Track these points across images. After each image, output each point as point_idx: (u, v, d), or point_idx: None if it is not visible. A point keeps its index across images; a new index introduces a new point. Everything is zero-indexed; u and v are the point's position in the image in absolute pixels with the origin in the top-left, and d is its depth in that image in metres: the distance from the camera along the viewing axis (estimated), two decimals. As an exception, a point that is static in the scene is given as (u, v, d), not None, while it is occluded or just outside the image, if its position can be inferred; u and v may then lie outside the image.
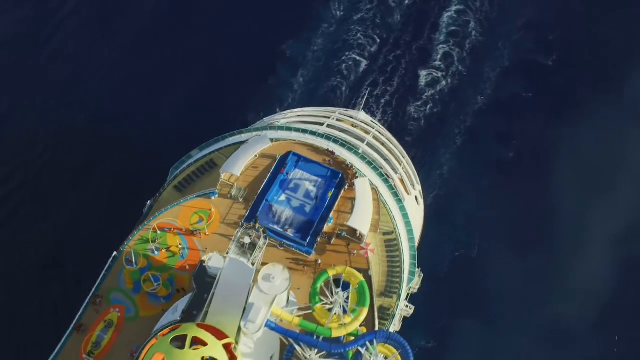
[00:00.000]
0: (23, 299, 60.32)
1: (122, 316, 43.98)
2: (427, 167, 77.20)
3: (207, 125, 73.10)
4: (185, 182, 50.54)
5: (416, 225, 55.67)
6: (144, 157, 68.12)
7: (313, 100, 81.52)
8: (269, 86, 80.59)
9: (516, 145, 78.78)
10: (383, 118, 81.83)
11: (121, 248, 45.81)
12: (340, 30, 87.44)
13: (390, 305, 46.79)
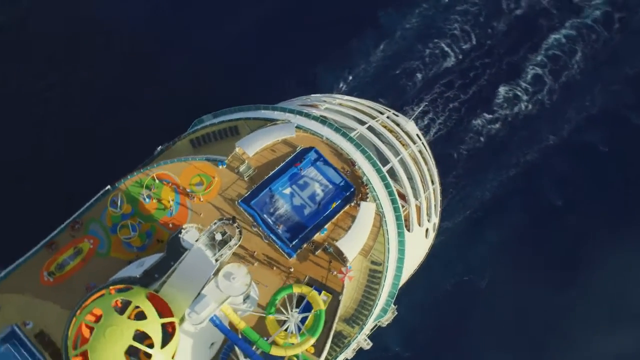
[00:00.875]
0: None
1: (94, 249, 45.68)
2: (469, 186, 76.32)
3: (271, 63, 75.24)
4: (202, 139, 50.94)
5: (414, 260, 55.08)
6: (195, 93, 68.58)
7: (383, 78, 79.95)
8: (349, 48, 79.28)
9: (569, 197, 76.12)
10: (445, 122, 79.74)
11: (116, 184, 46.96)
12: (439, 15, 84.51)
13: (349, 334, 47.13)
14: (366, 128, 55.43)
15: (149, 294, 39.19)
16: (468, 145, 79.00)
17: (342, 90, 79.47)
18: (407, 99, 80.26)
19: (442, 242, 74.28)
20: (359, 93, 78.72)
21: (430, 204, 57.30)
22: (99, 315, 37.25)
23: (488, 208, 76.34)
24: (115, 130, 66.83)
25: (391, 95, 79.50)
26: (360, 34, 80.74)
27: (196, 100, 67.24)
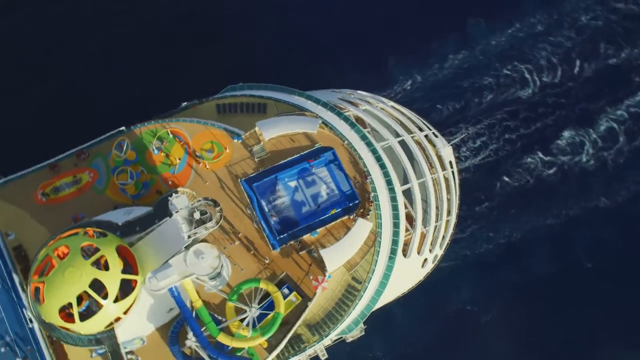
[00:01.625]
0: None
1: (91, 182, 47.82)
2: (500, 221, 75.53)
3: (345, 46, 74.94)
4: (228, 107, 51.73)
5: (399, 286, 55.27)
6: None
7: (451, 87, 78.94)
8: (427, 48, 78.20)
9: (602, 264, 73.93)
10: (497, 150, 78.51)
11: (131, 127, 48.59)
12: (529, 40, 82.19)
13: (308, 340, 48.13)
14: (398, 141, 54.93)
15: (121, 247, 40.86)
16: (513, 180, 77.56)
17: (406, 87, 78.68)
18: (466, 115, 79.00)
19: (456, 267, 74.51)
20: (422, 95, 78.12)
21: (438, 234, 56.95)
22: (66, 252, 39.21)
23: (513, 248, 75.31)
24: (167, 74, 68.51)
25: (452, 106, 78.48)
26: (443, 36, 79.33)
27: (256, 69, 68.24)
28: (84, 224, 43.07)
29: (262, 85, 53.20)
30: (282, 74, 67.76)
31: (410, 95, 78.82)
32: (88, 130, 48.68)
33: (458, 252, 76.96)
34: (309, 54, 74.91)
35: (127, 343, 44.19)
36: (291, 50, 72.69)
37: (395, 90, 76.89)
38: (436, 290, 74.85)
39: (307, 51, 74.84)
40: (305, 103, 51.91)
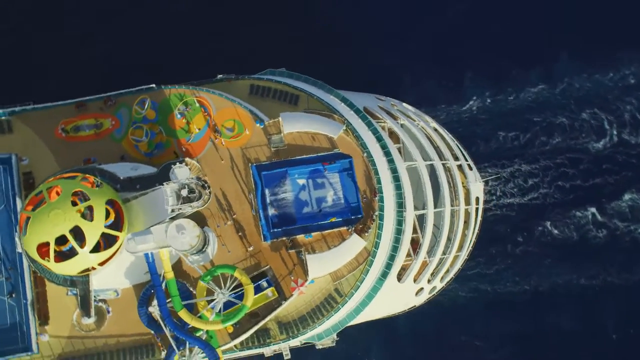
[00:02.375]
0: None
1: (111, 130, 50.52)
2: (532, 266, 75.43)
3: (428, 52, 75.57)
4: (262, 90, 53.03)
5: (383, 309, 55.95)
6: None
7: (520, 117, 78.07)
8: (507, 72, 77.60)
9: (628, 336, 73.73)
10: (546, 195, 77.25)
11: (162, 86, 50.86)
12: (616, 90, 79.84)
13: (274, 337, 49.83)
14: (426, 164, 55.03)
15: (113, 202, 43.28)
16: (557, 230, 76.45)
17: (474, 107, 77.95)
18: (526, 151, 77.55)
19: (475, 300, 74.66)
20: (486, 118, 77.34)
21: (441, 268, 57.03)
22: (58, 193, 42.01)
23: (538, 297, 75.06)
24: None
25: (514, 138, 77.24)
26: (527, 65, 77.99)
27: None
28: (87, 169, 45.73)
29: (301, 77, 54.11)
30: (344, 69, 69.25)
31: (475, 115, 78.14)
32: (122, 80, 51.02)
33: (480, 287, 76.57)
34: (383, 54, 75.37)
35: (101, 292, 47.01)
36: (364, 46, 73.44)
37: (462, 107, 75.88)
38: (449, 317, 75.30)
39: (382, 50, 75.28)
40: (338, 105, 52.52)
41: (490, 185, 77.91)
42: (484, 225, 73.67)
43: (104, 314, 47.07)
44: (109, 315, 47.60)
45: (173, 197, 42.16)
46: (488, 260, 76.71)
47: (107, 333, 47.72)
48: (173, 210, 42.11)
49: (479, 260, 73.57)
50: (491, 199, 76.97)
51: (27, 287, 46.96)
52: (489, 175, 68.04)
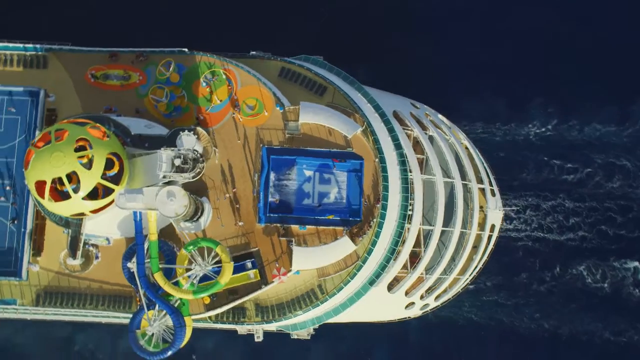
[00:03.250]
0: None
1: (137, 85, 53.59)
2: (555, 307, 76.20)
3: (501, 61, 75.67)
4: (292, 74, 54.57)
5: (369, 315, 57.46)
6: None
7: (579, 151, 77.81)
8: (579, 105, 77.56)
9: None
10: (584, 239, 76.19)
11: (194, 51, 53.48)
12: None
13: (249, 317, 52.31)
14: (445, 181, 55.68)
15: (117, 155, 46.32)
16: (590, 277, 76.26)
17: (533, 131, 77.46)
18: (574, 187, 77.09)
19: (489, 327, 75.40)
20: (543, 145, 76.86)
21: (438, 287, 57.89)
22: (63, 136, 45.42)
23: (555, 339, 75.97)
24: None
25: (567, 170, 76.75)
26: (599, 101, 77.40)
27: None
28: (102, 119, 48.91)
29: (334, 69, 55.38)
30: (396, 68, 69.94)
31: (532, 140, 78.08)
32: (159, 37, 53.91)
33: (495, 316, 76.87)
34: (449, 55, 76.08)
35: (93, 236, 50.41)
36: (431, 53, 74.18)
37: (520, 129, 75.91)
38: (459, 336, 76.18)
39: (448, 51, 76.03)
40: (364, 104, 53.58)
41: (528, 215, 77.31)
42: (510, 255, 74.17)
43: (91, 258, 50.41)
44: (97, 261, 51.01)
45: (167, 164, 44.59)
46: (510, 291, 76.75)
47: (92, 277, 51.19)
48: (165, 177, 44.55)
49: (500, 289, 74.00)
50: (525, 229, 76.37)
51: (29, 217, 50.83)
52: (514, 206, 67.54)
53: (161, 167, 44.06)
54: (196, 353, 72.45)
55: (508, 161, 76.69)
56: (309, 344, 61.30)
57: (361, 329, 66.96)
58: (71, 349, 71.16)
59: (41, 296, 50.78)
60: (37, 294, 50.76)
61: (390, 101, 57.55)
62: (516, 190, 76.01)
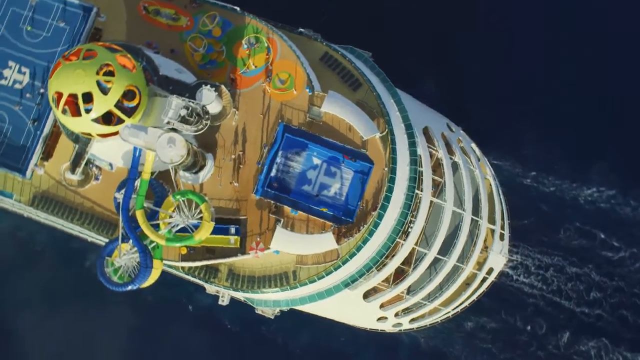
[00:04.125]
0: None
1: (183, 29, 56.43)
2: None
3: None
4: (333, 62, 55.96)
5: (339, 315, 59.26)
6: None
7: (623, 227, 76.07)
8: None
9: None
10: (582, 313, 75.39)
11: (245, 12, 55.95)
12: None
13: (220, 280, 55.00)
14: (454, 209, 56.54)
15: (138, 89, 49.33)
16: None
17: (582, 195, 76.88)
18: (605, 262, 75.83)
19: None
20: (593, 210, 76.66)
21: (417, 310, 59.10)
22: (93, 55, 48.84)
23: None
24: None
25: (609, 245, 75.79)
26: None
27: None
28: (137, 50, 52.09)
29: (375, 68, 56.67)
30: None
31: (580, 203, 77.46)
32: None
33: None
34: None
35: (97, 158, 53.99)
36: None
37: (572, 189, 75.69)
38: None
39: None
40: (393, 112, 54.69)
41: (549, 274, 76.82)
42: (519, 308, 74.04)
43: (91, 178, 53.99)
44: (96, 182, 54.59)
45: (174, 111, 47.22)
46: (507, 344, 76.68)
47: (88, 196, 54.76)
48: (168, 123, 47.29)
49: (498, 338, 74.38)
50: (542, 287, 76.05)
51: (48, 122, 54.79)
52: (535, 260, 67.69)
53: (167, 112, 46.60)
54: (192, 304, 75.24)
55: (548, 216, 76.02)
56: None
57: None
58: (83, 264, 75.37)
59: (37, 198, 54.60)
60: (34, 195, 54.55)
61: (426, 116, 58.37)
62: (545, 246, 75.37)
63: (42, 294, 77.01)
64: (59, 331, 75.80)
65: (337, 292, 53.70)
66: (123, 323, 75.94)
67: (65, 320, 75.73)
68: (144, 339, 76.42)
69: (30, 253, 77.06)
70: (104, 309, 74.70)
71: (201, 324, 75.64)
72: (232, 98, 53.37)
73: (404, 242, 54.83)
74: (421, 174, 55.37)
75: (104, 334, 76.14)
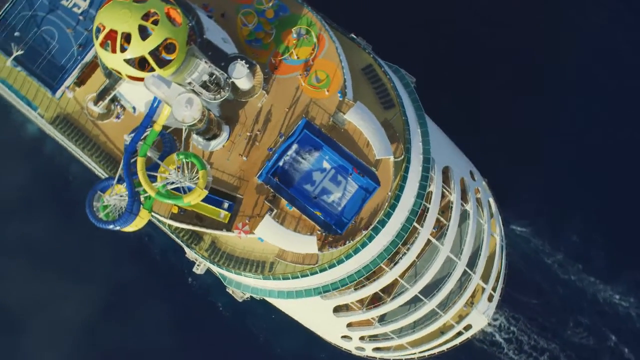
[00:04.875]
0: None
1: (240, 2, 58.91)
2: None
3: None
4: (374, 76, 56.95)
5: (304, 318, 60.62)
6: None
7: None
8: None
9: None
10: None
11: (304, 4, 57.63)
12: None
13: (201, 248, 57.08)
14: (449, 255, 57.25)
15: (177, 44, 51.61)
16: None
17: (606, 295, 76.41)
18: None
19: None
20: (609, 313, 75.43)
21: (382, 341, 60.16)
22: (144, 1, 51.24)
23: None
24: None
25: (614, 352, 74.42)
26: None
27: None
28: (191, 9, 54.38)
29: (414, 97, 57.68)
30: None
31: (599, 301, 76.99)
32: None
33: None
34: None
35: (123, 98, 56.72)
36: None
37: (598, 285, 75.31)
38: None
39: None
40: (416, 141, 55.51)
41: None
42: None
43: (112, 114, 56.83)
44: (117, 120, 57.34)
45: (199, 75, 49.32)
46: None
47: (105, 130, 57.56)
48: (190, 83, 49.41)
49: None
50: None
51: (92, 51, 57.71)
52: (516, 332, 67.46)
53: (192, 74, 48.81)
54: (192, 276, 77.56)
55: (561, 301, 75.25)
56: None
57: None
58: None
59: (59, 119, 57.72)
60: (57, 115, 57.70)
61: (451, 156, 58.85)
62: (547, 331, 75.08)
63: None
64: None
65: (307, 296, 54.97)
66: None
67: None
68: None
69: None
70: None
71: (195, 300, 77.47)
72: (267, 81, 54.27)
73: (389, 270, 55.06)
74: (426, 210, 55.32)
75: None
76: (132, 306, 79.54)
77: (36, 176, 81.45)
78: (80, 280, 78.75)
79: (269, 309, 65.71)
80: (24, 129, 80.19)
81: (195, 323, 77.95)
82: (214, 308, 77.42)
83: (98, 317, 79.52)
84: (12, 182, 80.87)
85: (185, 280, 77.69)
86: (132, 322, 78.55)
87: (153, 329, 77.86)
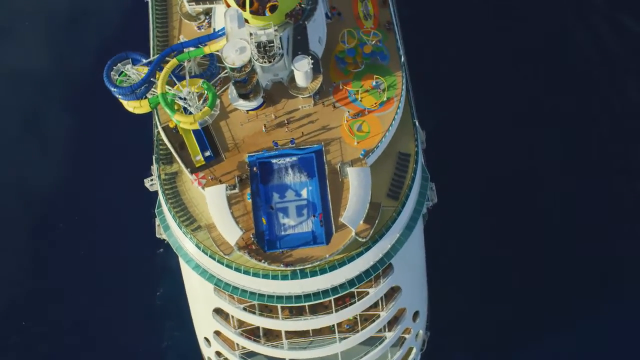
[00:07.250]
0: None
1: (362, 28, 64.13)
2: None
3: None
4: (403, 159, 61.12)
5: None
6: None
7: None
8: None
9: None
10: None
11: (403, 67, 62.25)
12: None
13: (162, 170, 62.37)
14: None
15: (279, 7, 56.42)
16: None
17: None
18: None
19: None
20: None
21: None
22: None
23: None
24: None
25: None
26: None
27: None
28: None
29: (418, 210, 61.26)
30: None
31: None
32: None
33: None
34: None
35: (214, 16, 63.59)
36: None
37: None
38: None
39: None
40: (388, 241, 58.85)
41: None
42: None
43: (197, 21, 65.49)
44: (198, 30, 65.92)
45: (263, 35, 54.70)
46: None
47: (182, 29, 65.40)
48: (251, 35, 54.77)
49: None
50: None
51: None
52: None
53: (257, 32, 53.94)
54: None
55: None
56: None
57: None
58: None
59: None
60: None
61: (412, 285, 60.95)
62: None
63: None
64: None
65: (202, 277, 58.93)
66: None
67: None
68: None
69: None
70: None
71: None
72: (320, 94, 58.88)
73: (280, 319, 59.96)
74: (350, 302, 57.99)
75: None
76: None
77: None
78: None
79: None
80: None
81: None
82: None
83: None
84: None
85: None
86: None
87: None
